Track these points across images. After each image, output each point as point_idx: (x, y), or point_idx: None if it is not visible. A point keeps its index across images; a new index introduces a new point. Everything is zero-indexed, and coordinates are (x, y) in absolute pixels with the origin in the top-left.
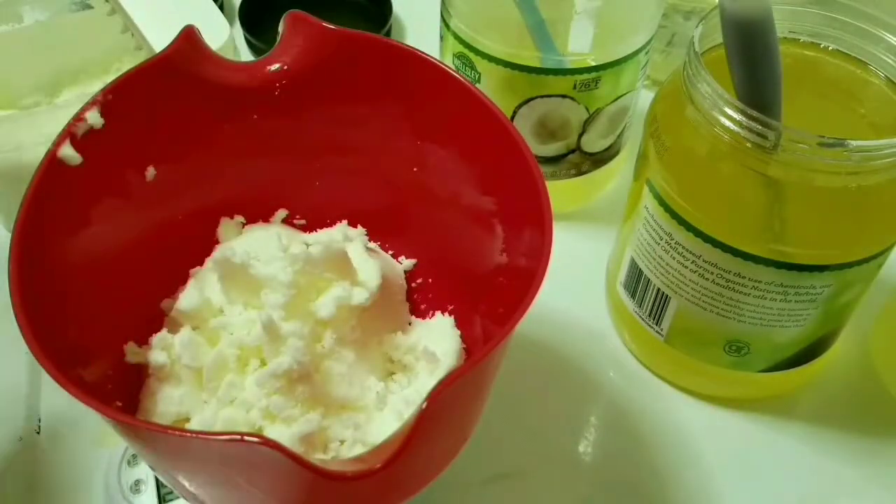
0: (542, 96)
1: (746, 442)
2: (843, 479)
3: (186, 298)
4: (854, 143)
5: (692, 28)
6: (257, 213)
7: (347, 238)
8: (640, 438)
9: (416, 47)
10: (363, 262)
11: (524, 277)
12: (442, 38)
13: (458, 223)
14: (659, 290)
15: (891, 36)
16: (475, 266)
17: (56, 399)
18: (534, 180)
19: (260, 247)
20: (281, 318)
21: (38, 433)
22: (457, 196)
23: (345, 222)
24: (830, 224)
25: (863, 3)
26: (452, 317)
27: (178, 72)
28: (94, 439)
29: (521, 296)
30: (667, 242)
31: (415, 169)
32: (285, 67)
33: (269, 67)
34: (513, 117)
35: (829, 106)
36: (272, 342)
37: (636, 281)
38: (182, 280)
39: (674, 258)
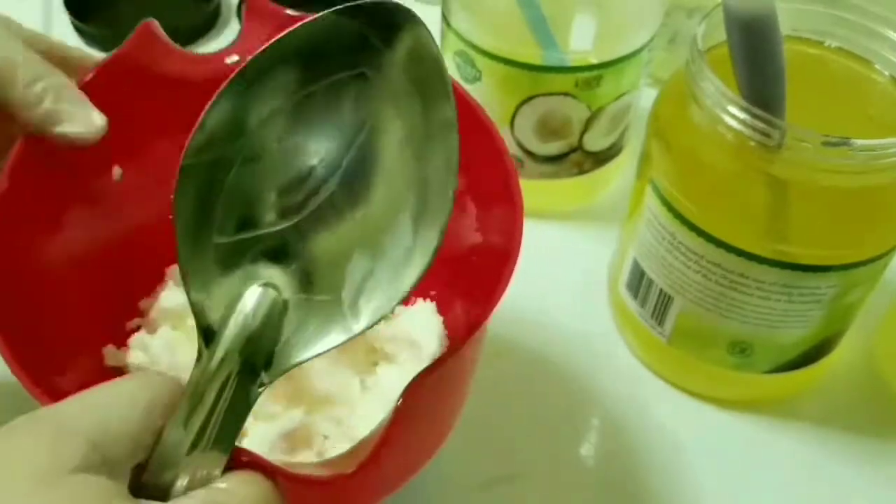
0: (543, 94)
1: (750, 444)
2: (848, 481)
3: (169, 297)
4: (858, 142)
5: (695, 26)
6: None
7: None
8: (642, 440)
9: None
10: None
11: (499, 256)
12: (442, 35)
13: None
14: (662, 290)
15: (895, 34)
16: (451, 246)
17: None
18: (502, 158)
19: None
20: None
21: None
22: None
23: None
24: (835, 224)
25: (867, 1)
26: (434, 302)
27: (136, 67)
28: None
29: (498, 276)
30: (670, 242)
31: None
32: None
33: (226, 59)
34: (514, 116)
35: (834, 104)
36: None
37: (639, 281)
38: (159, 279)
39: (677, 258)
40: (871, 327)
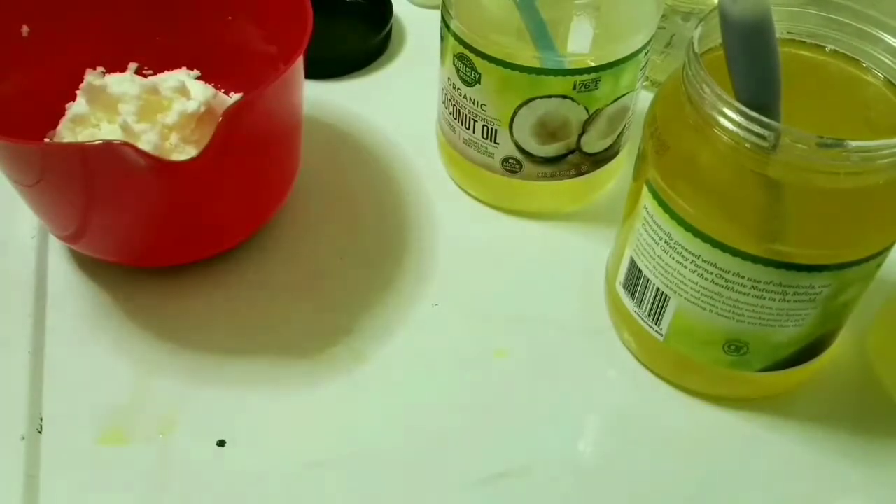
0: (542, 97)
1: (744, 441)
2: (841, 479)
3: (72, 111)
4: (853, 143)
5: (691, 29)
6: (115, 67)
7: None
8: (638, 437)
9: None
10: (196, 86)
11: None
12: (442, 38)
13: (259, 62)
14: (658, 289)
15: (889, 37)
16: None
17: (58, 398)
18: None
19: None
20: (134, 121)
21: (41, 432)
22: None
23: (184, 68)
24: (829, 224)
25: (861, 4)
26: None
27: None
28: (97, 438)
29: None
30: (666, 242)
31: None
32: None
33: None
34: (513, 118)
35: (828, 107)
36: (129, 138)
37: (635, 281)
38: (61, 113)
39: (673, 258)
40: (865, 326)
